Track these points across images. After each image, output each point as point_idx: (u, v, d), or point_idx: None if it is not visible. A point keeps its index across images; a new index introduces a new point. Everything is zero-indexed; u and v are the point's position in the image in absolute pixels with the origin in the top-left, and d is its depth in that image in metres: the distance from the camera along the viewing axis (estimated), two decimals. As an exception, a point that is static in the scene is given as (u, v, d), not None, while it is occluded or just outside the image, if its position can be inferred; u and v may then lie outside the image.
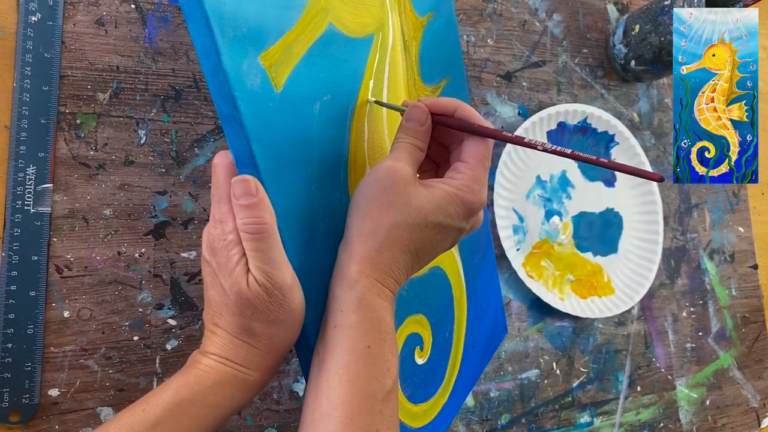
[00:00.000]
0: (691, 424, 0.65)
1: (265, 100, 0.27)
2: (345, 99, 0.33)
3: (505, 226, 0.56)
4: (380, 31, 0.35)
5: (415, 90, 0.39)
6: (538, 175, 0.60)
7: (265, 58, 0.27)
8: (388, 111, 0.36)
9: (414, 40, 0.39)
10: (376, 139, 0.35)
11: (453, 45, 0.43)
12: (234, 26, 0.26)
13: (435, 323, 0.43)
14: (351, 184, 0.33)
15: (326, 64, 0.31)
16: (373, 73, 0.34)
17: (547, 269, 0.59)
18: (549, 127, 0.60)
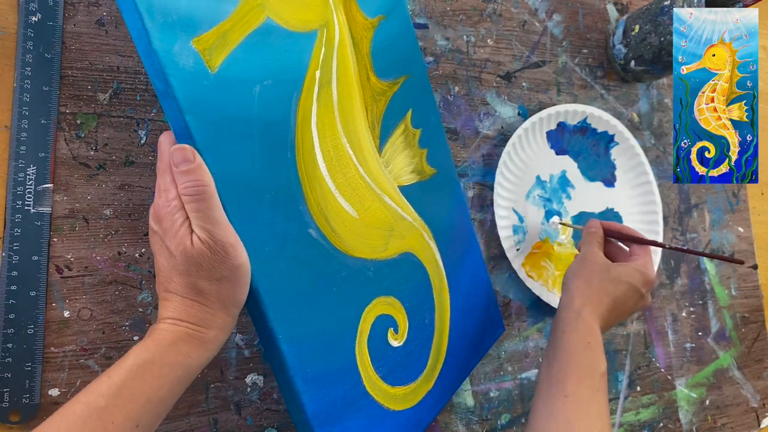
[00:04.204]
0: (691, 424, 0.65)
1: (199, 78, 0.30)
2: (288, 85, 0.35)
3: (504, 226, 0.56)
4: (324, 28, 0.37)
5: (369, 83, 0.40)
6: (538, 175, 0.60)
7: (198, 42, 0.30)
8: (339, 100, 0.38)
9: (364, 39, 0.40)
10: (327, 125, 0.37)
11: (410, 46, 0.44)
12: (164, 13, 0.28)
13: (411, 308, 0.44)
14: (300, 164, 0.35)
15: (266, 53, 0.33)
16: (320, 64, 0.36)
17: (547, 269, 0.59)
18: (549, 127, 0.60)
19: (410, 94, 0.44)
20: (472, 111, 0.57)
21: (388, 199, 0.42)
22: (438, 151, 0.47)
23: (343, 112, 0.38)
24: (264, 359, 0.45)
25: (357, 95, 0.39)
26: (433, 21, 0.56)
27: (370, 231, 0.40)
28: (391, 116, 0.42)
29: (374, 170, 0.41)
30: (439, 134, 0.47)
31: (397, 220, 0.43)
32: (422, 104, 0.45)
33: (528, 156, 0.59)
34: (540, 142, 0.60)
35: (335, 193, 0.38)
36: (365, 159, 0.40)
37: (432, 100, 0.46)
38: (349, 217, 0.39)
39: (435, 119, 0.47)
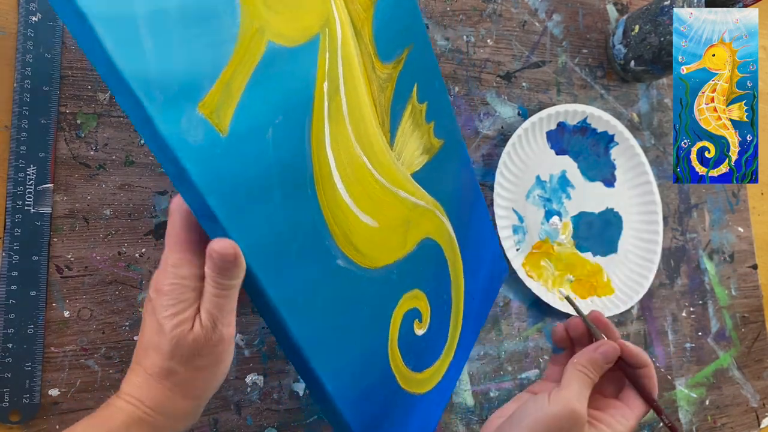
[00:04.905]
0: (691, 424, 0.65)
1: (212, 149, 0.26)
2: (299, 113, 0.32)
3: (504, 226, 0.56)
4: (326, 27, 0.33)
5: (374, 72, 0.38)
6: (537, 175, 0.60)
7: (204, 106, 0.26)
8: (349, 108, 0.35)
9: (366, 21, 0.36)
10: (340, 141, 0.35)
11: (410, 8, 0.40)
12: (163, 88, 0.24)
13: (431, 293, 0.43)
14: (321, 198, 0.33)
15: (272, 85, 0.30)
16: (326, 74, 0.33)
17: (547, 269, 0.59)
18: (549, 127, 0.60)
19: (415, 67, 0.41)
20: (472, 111, 0.57)
21: (403, 193, 0.41)
22: (444, 119, 0.44)
23: (354, 121, 0.36)
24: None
25: (365, 95, 0.37)
26: (433, 21, 0.56)
27: (390, 234, 0.40)
28: (399, 101, 0.40)
29: (388, 169, 0.40)
30: (444, 101, 0.44)
31: (413, 211, 0.42)
32: (426, 73, 0.42)
33: (528, 156, 0.59)
34: (540, 142, 0.60)
35: (356, 211, 0.36)
36: (379, 161, 0.39)
37: (435, 64, 0.43)
38: (369, 229, 0.38)
39: (439, 85, 0.44)
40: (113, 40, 0.22)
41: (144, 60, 0.23)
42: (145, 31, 0.23)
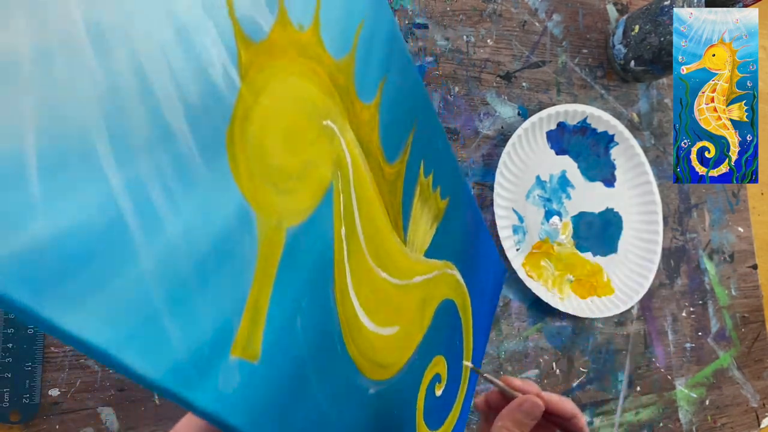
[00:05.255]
0: (691, 424, 0.65)
1: (249, 384, 0.23)
2: (322, 281, 0.28)
3: (504, 226, 0.56)
4: (337, 170, 0.29)
5: (384, 180, 0.34)
6: (537, 175, 0.60)
7: (236, 348, 0.22)
8: (366, 239, 0.33)
9: (373, 131, 0.33)
10: (362, 274, 0.32)
11: (413, 86, 0.37)
12: (194, 362, 0.20)
13: (448, 351, 0.42)
14: (350, 347, 0.31)
15: (295, 273, 0.26)
16: (342, 219, 0.30)
17: (547, 269, 0.59)
18: (549, 127, 0.60)
19: (420, 145, 0.38)
20: (472, 111, 0.57)
21: (418, 278, 0.39)
22: (447, 176, 0.42)
23: (371, 245, 0.33)
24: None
25: (380, 212, 0.34)
26: (433, 21, 0.56)
27: (411, 327, 0.38)
28: (408, 189, 0.37)
29: (405, 269, 0.37)
30: (447, 156, 0.42)
31: (427, 287, 0.40)
32: (430, 142, 0.39)
33: (528, 156, 0.59)
34: (540, 142, 0.60)
35: (380, 331, 0.34)
36: (396, 267, 0.36)
37: (437, 124, 0.40)
38: (393, 338, 0.36)
39: (442, 144, 0.41)
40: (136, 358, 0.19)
41: (173, 352, 0.20)
42: (168, 321, 0.19)
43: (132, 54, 0.17)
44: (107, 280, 0.17)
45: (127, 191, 0.17)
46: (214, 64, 0.20)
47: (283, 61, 0.24)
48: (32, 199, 0.15)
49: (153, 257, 0.18)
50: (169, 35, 0.19)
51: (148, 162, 0.18)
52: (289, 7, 0.24)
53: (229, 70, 0.21)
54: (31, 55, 0.15)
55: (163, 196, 0.19)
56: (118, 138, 0.17)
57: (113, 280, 0.17)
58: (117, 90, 0.17)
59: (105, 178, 0.17)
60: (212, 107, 0.20)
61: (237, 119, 0.22)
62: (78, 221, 0.16)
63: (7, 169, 0.14)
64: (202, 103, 0.20)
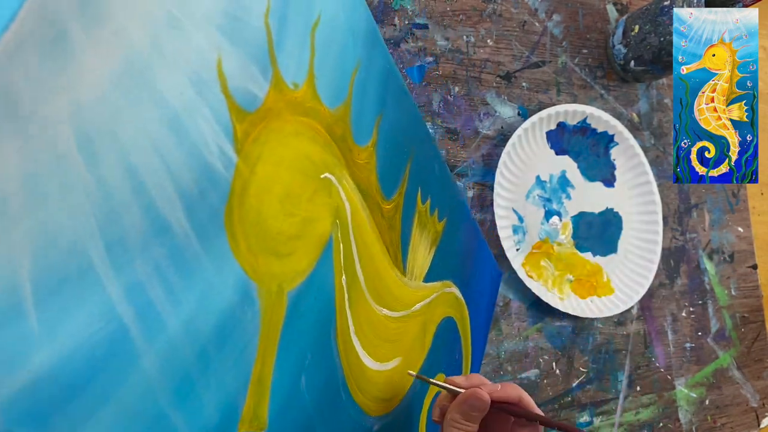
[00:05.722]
0: (691, 424, 0.65)
1: None
2: (325, 334, 0.28)
3: (504, 226, 0.56)
4: (336, 219, 0.29)
5: (383, 218, 0.34)
6: (537, 175, 0.60)
7: (243, 424, 0.22)
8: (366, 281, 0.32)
9: (371, 173, 0.32)
10: (362, 317, 0.32)
11: (409, 114, 0.36)
12: None
13: (448, 367, 0.42)
14: (354, 392, 0.31)
15: (299, 333, 0.26)
16: (342, 268, 0.29)
17: (547, 269, 0.59)
18: (549, 127, 0.60)
19: (416, 173, 0.37)
20: (472, 111, 0.57)
21: (418, 305, 0.38)
22: (444, 197, 0.41)
23: (372, 287, 0.33)
24: None
25: (379, 251, 0.34)
26: (433, 21, 0.56)
27: (413, 353, 0.38)
28: (406, 221, 0.36)
29: (405, 300, 0.37)
30: (443, 178, 0.41)
31: (428, 310, 0.40)
32: (427, 168, 0.39)
33: (528, 156, 0.59)
34: (540, 142, 0.60)
35: (383, 368, 0.34)
36: (397, 300, 0.36)
37: (433, 148, 0.39)
38: (396, 370, 0.36)
39: (438, 166, 0.40)
40: None
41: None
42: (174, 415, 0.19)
43: (122, 155, 0.17)
44: (111, 394, 0.16)
45: (125, 297, 0.17)
46: (208, 145, 0.20)
47: (278, 124, 0.23)
48: (31, 330, 0.14)
49: (155, 358, 0.18)
50: (160, 126, 0.18)
51: (145, 261, 0.17)
52: (284, 69, 0.23)
53: (224, 147, 0.20)
54: (22, 182, 0.14)
55: (163, 294, 0.18)
56: (114, 245, 0.16)
57: (117, 392, 0.17)
58: (109, 196, 0.16)
59: (103, 291, 0.16)
60: (208, 190, 0.20)
61: (235, 195, 0.21)
62: (78, 341, 0.15)
63: (4, 304, 0.14)
64: (198, 188, 0.19)
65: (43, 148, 0.14)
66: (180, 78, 0.18)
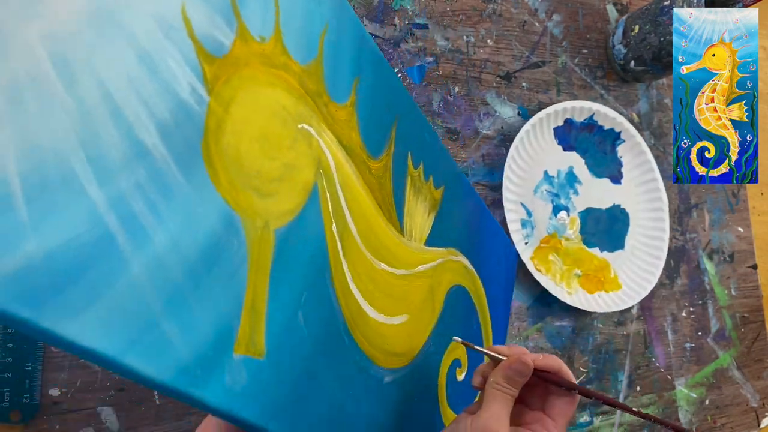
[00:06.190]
0: (691, 424, 0.65)
1: (258, 380, 0.24)
2: (320, 276, 0.29)
3: (513, 220, 0.57)
4: (319, 169, 0.30)
5: (371, 175, 0.35)
6: (545, 170, 0.60)
7: (239, 346, 0.23)
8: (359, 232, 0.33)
9: (352, 130, 0.33)
10: (360, 268, 0.33)
11: (389, 83, 0.37)
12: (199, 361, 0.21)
13: (466, 337, 0.43)
14: (357, 337, 0.32)
15: (290, 272, 0.27)
16: (332, 216, 0.31)
17: (555, 264, 0.59)
18: (556, 123, 0.60)
19: (404, 137, 0.38)
20: (472, 111, 0.57)
21: (422, 267, 0.39)
22: (438, 166, 0.43)
23: (366, 240, 0.34)
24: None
25: (370, 206, 0.35)
26: (433, 21, 0.56)
27: (421, 314, 0.39)
28: (398, 182, 0.37)
29: (405, 258, 0.38)
30: (435, 146, 0.43)
31: (433, 275, 0.41)
32: (416, 135, 0.40)
33: (535, 151, 0.59)
34: (547, 138, 0.60)
35: (388, 321, 0.35)
36: (396, 257, 0.36)
37: (421, 117, 0.41)
38: (403, 326, 0.37)
39: (429, 135, 0.42)
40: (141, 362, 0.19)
41: (176, 354, 0.20)
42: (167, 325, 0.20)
43: (98, 81, 0.18)
44: (102, 290, 0.18)
45: (110, 207, 0.18)
46: (180, 82, 0.21)
47: (248, 71, 0.25)
48: (21, 220, 0.16)
49: (144, 267, 0.19)
50: (131, 61, 0.20)
51: (127, 179, 0.19)
52: (248, 21, 0.25)
53: (195, 86, 0.22)
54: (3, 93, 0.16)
55: (146, 209, 0.20)
56: (96, 160, 0.18)
57: (108, 290, 0.18)
58: (88, 116, 0.18)
59: (88, 197, 0.18)
60: (184, 122, 0.21)
61: (210, 131, 0.23)
62: (67, 238, 0.17)
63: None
64: (173, 119, 0.21)
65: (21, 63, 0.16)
66: (148, 21, 0.20)
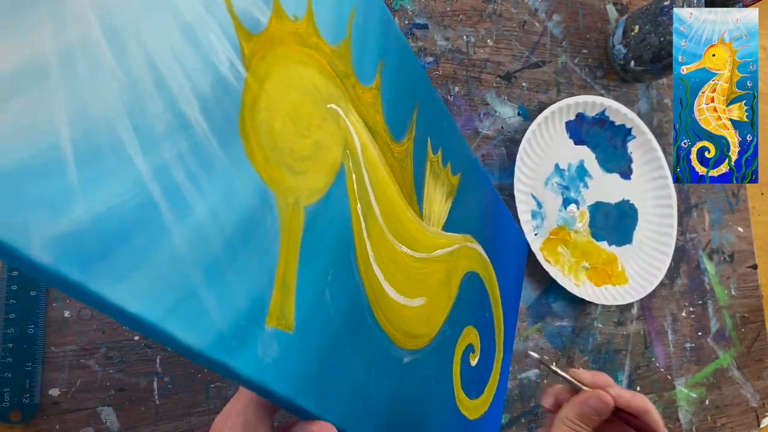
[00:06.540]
0: (691, 424, 0.65)
1: (287, 353, 0.24)
2: (345, 254, 0.29)
3: (524, 211, 0.57)
4: (346, 150, 0.31)
5: (394, 158, 0.35)
6: (556, 163, 0.61)
7: (271, 319, 0.24)
8: (382, 213, 0.34)
9: (377, 114, 0.34)
10: (383, 250, 0.34)
11: (411, 67, 0.38)
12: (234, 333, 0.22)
13: (479, 323, 0.44)
14: (379, 317, 0.33)
15: (318, 249, 0.27)
16: (357, 197, 0.31)
17: (564, 255, 0.60)
18: (568, 117, 0.61)
19: (424, 123, 0.39)
20: (472, 111, 0.57)
21: (440, 252, 0.40)
22: (455, 152, 0.43)
23: (389, 222, 0.34)
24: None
25: (393, 189, 0.35)
26: (433, 21, 0.56)
27: (438, 298, 0.39)
28: (418, 166, 0.38)
29: (424, 243, 0.38)
30: (452, 133, 0.43)
31: (450, 260, 0.41)
32: (435, 122, 0.40)
33: (547, 143, 0.60)
34: (559, 131, 0.61)
35: (409, 303, 0.36)
36: (416, 240, 0.37)
37: (439, 103, 0.41)
38: (422, 308, 0.37)
39: (447, 123, 0.42)
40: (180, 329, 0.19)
41: (213, 323, 0.21)
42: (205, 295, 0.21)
43: (145, 51, 0.19)
44: (145, 257, 0.18)
45: (154, 177, 0.19)
46: (219, 57, 0.22)
47: (283, 49, 0.26)
48: (72, 185, 0.16)
49: (185, 237, 0.20)
50: (176, 34, 0.20)
51: (170, 150, 0.20)
52: (283, 1, 0.26)
53: (234, 61, 0.23)
54: (58, 58, 0.16)
55: (187, 180, 0.20)
56: (141, 129, 0.19)
57: (151, 257, 0.18)
58: (135, 85, 0.18)
59: (133, 165, 0.18)
60: (222, 97, 0.22)
61: (246, 106, 0.23)
62: (113, 204, 0.17)
63: (49, 159, 0.16)
64: (213, 93, 0.22)
65: (75, 30, 0.17)
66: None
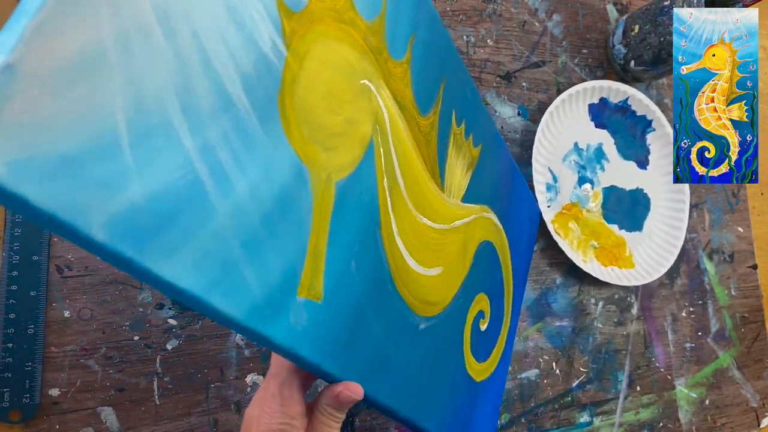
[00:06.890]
0: (691, 424, 0.65)
1: (316, 322, 0.26)
2: (371, 228, 0.30)
3: (539, 181, 0.58)
4: (376, 125, 0.31)
5: (420, 132, 0.36)
6: (576, 141, 0.62)
7: (302, 289, 0.25)
8: (407, 188, 0.35)
9: (406, 88, 0.34)
10: (406, 222, 0.34)
11: (441, 41, 0.38)
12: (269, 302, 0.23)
13: (489, 288, 0.45)
14: (400, 287, 0.34)
15: (347, 223, 0.28)
16: (384, 171, 0.32)
17: (574, 231, 0.61)
18: (592, 99, 0.62)
19: (451, 97, 0.39)
20: (472, 111, 0.57)
21: (458, 222, 0.40)
22: (479, 125, 0.43)
23: (412, 195, 0.35)
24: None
25: (417, 163, 0.36)
26: (433, 21, 0.56)
27: (454, 267, 0.40)
28: (442, 139, 0.38)
29: (444, 214, 0.39)
30: (477, 105, 0.43)
31: (467, 230, 0.42)
32: (460, 92, 0.40)
33: (569, 121, 0.61)
34: (582, 111, 0.62)
35: (426, 272, 0.36)
36: (436, 212, 0.38)
37: (465, 74, 0.41)
38: (439, 277, 0.38)
39: (471, 94, 0.42)
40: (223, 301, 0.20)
41: (251, 294, 0.22)
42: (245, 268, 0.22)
43: (193, 33, 0.20)
44: (193, 233, 0.19)
45: (200, 155, 0.20)
46: (262, 36, 0.23)
47: (321, 27, 0.26)
48: (128, 165, 0.17)
49: (228, 212, 0.21)
50: (221, 14, 0.21)
51: (215, 129, 0.20)
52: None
53: (275, 40, 0.23)
54: (114, 43, 0.17)
55: (230, 158, 0.21)
56: (189, 109, 0.19)
57: (197, 233, 0.19)
58: (184, 66, 0.19)
59: (182, 145, 0.19)
60: (264, 75, 0.23)
61: (286, 84, 0.24)
62: (165, 183, 0.18)
63: (106, 142, 0.16)
64: (255, 72, 0.22)
65: (131, 13, 0.17)
66: None
